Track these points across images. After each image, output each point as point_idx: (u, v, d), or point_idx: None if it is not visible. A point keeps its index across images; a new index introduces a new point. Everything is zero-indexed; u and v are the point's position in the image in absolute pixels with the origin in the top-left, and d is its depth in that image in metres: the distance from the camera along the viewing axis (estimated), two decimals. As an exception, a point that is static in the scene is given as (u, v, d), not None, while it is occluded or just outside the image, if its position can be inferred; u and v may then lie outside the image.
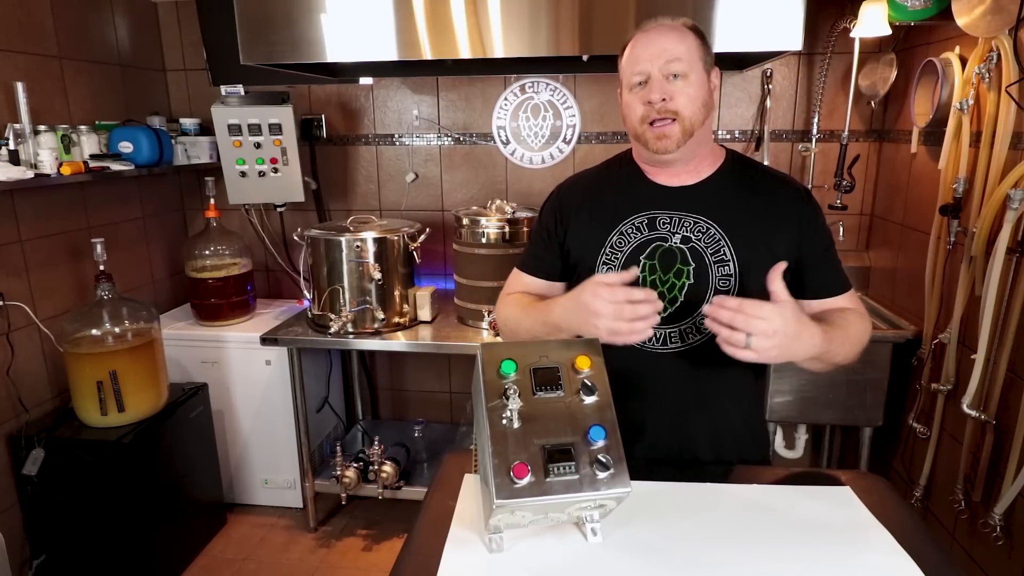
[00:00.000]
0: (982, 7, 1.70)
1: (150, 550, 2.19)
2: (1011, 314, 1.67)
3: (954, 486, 1.90)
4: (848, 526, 0.97)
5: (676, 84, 1.14)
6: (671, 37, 1.15)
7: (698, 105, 1.16)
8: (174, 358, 2.55)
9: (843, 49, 2.43)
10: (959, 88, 1.87)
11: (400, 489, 2.53)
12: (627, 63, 1.20)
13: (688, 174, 1.24)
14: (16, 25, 2.11)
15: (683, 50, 1.14)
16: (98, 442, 2.06)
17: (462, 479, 1.10)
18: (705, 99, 1.17)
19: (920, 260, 2.12)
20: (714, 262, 1.18)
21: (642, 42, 1.17)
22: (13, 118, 2.03)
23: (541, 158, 2.76)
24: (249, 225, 2.85)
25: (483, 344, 0.99)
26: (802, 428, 2.49)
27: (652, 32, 1.17)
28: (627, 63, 1.20)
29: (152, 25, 2.77)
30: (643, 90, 1.16)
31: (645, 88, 1.16)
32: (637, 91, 1.17)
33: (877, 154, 2.55)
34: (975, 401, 1.77)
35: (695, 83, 1.15)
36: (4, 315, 2.05)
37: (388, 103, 2.79)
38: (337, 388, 3.00)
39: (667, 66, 1.14)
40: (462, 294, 2.47)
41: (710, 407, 1.24)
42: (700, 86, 1.16)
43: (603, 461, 0.87)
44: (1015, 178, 1.62)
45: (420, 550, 0.94)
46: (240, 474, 2.72)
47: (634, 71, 1.17)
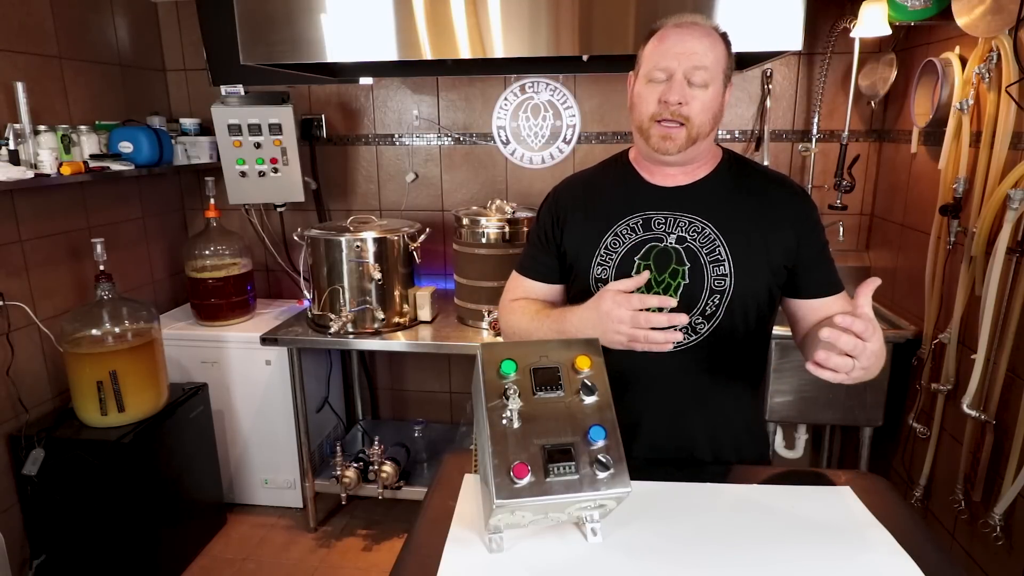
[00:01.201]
0: (982, 7, 1.70)
1: (150, 550, 2.19)
2: (1011, 314, 1.67)
3: (954, 486, 1.90)
4: (848, 526, 0.97)
5: (695, 91, 1.12)
6: (703, 42, 1.12)
7: (709, 116, 1.15)
8: (174, 358, 2.55)
9: (843, 49, 2.43)
10: (959, 88, 1.87)
11: (400, 489, 2.53)
12: (651, 54, 1.15)
13: (684, 174, 1.24)
14: (16, 25, 2.11)
15: (711, 59, 1.12)
16: (98, 442, 2.06)
17: (462, 479, 1.10)
18: (716, 111, 1.16)
19: (920, 260, 2.12)
20: (709, 262, 1.18)
21: (674, 37, 1.13)
22: (13, 118, 2.03)
23: (541, 158, 2.76)
24: (249, 225, 2.85)
25: (483, 344, 0.99)
26: (802, 428, 2.49)
27: (686, 30, 1.14)
28: (651, 54, 1.15)
29: (152, 25, 2.77)
30: (661, 87, 1.14)
31: (664, 85, 1.13)
32: (654, 86, 1.14)
33: (877, 154, 2.55)
34: (975, 401, 1.77)
35: (712, 94, 1.14)
36: (4, 315, 2.05)
37: (388, 103, 2.79)
38: (337, 388, 3.00)
39: (692, 71, 1.11)
40: (462, 294, 2.47)
41: (709, 407, 1.24)
42: (716, 98, 1.15)
43: (603, 461, 0.87)
44: (1015, 178, 1.62)
45: (420, 550, 0.94)
46: (240, 474, 2.72)
47: (658, 65, 1.13)
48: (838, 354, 0.93)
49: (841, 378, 0.95)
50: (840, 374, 0.94)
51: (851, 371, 0.94)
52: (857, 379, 0.97)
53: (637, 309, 1.02)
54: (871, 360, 0.95)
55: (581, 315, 1.11)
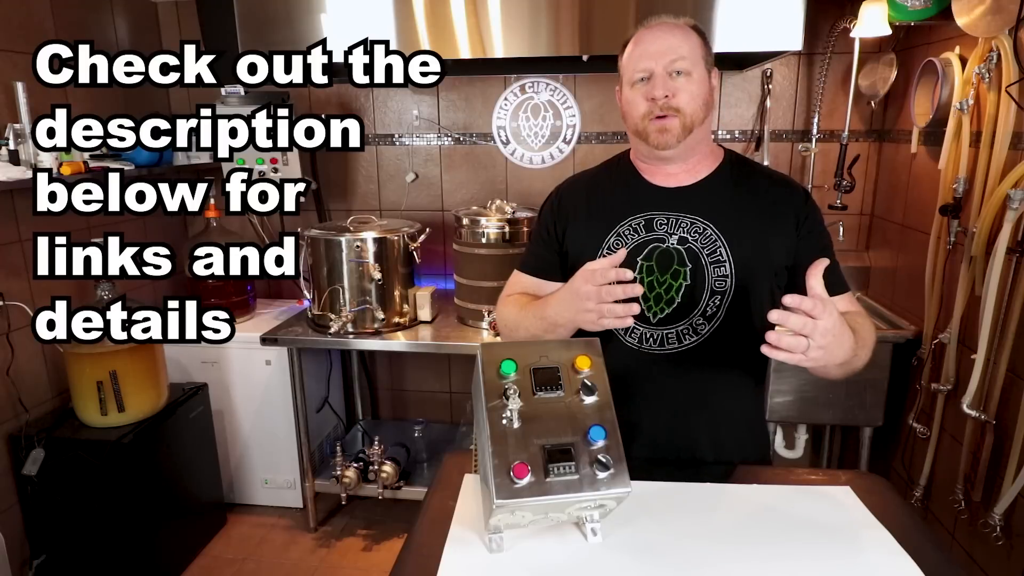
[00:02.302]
0: (982, 7, 1.70)
1: (150, 550, 2.19)
2: (1011, 314, 1.67)
3: (954, 486, 1.90)
4: (848, 526, 0.97)
5: (679, 81, 1.15)
6: (675, 35, 1.16)
7: (700, 103, 1.17)
8: (174, 358, 2.55)
9: (843, 49, 2.43)
10: (959, 88, 1.87)
11: (400, 489, 2.53)
12: (629, 60, 1.20)
13: (686, 175, 1.24)
14: (16, 25, 2.11)
15: (687, 48, 1.15)
16: (98, 442, 2.06)
17: (462, 479, 1.10)
18: (706, 97, 1.18)
19: (920, 260, 2.12)
20: (711, 263, 1.18)
21: (646, 39, 1.18)
22: (13, 118, 2.03)
23: (541, 158, 2.76)
24: (249, 225, 2.85)
25: (483, 344, 0.99)
26: (802, 428, 2.49)
27: (656, 29, 1.18)
28: (629, 60, 1.20)
29: (152, 25, 2.78)
30: (645, 86, 1.17)
31: (648, 84, 1.16)
32: (639, 87, 1.18)
33: (877, 154, 2.55)
34: (975, 401, 1.77)
35: (697, 80, 1.16)
36: (4, 315, 2.05)
37: (388, 103, 2.79)
38: (337, 388, 3.00)
39: (671, 63, 1.15)
40: (462, 294, 2.47)
41: (709, 407, 1.23)
42: (702, 84, 1.17)
43: (603, 461, 0.87)
44: (1015, 178, 1.62)
45: (420, 550, 0.94)
46: (240, 474, 2.72)
47: (637, 68, 1.17)
48: (790, 334, 0.93)
49: (798, 359, 0.94)
50: (796, 355, 0.93)
51: (807, 351, 0.93)
52: (818, 361, 0.95)
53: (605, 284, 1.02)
54: (826, 338, 0.93)
55: (559, 296, 1.13)
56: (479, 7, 1.95)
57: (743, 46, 1.91)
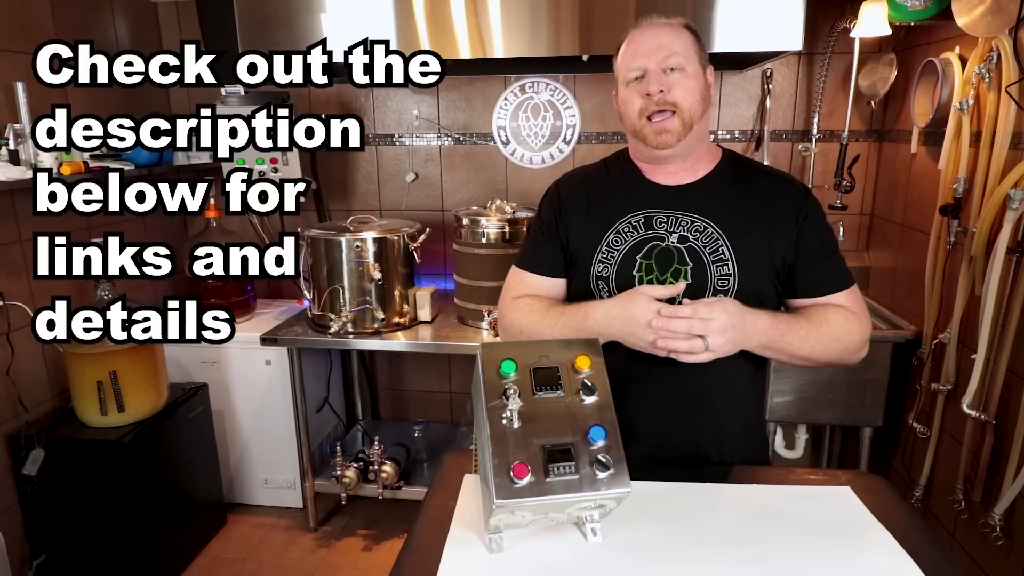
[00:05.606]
0: (982, 7, 1.70)
1: (150, 550, 2.19)
2: (1011, 314, 1.67)
3: (954, 486, 1.90)
4: (848, 526, 0.97)
5: (673, 77, 1.16)
6: (667, 32, 1.17)
7: (696, 98, 1.17)
8: (174, 358, 2.55)
9: (843, 49, 2.43)
10: (959, 88, 1.87)
11: (400, 489, 2.53)
12: (623, 59, 1.21)
13: (685, 173, 1.24)
14: (16, 25, 2.11)
15: (679, 45, 1.16)
16: (98, 442, 2.05)
17: (462, 479, 1.10)
18: (702, 92, 1.18)
19: (920, 260, 2.12)
20: (712, 261, 1.18)
21: (638, 38, 1.19)
22: (13, 118, 2.03)
23: (541, 158, 2.76)
24: (249, 225, 2.84)
25: (483, 344, 0.99)
26: (802, 428, 2.49)
27: (648, 28, 1.19)
28: (623, 59, 1.21)
29: (152, 25, 2.77)
30: (640, 84, 1.17)
31: (642, 82, 1.17)
32: (634, 86, 1.18)
33: (877, 154, 2.55)
34: (975, 401, 1.77)
35: (692, 76, 1.17)
36: (4, 315, 2.05)
37: (388, 103, 2.79)
38: (337, 388, 3.00)
39: (664, 60, 1.15)
40: (462, 294, 2.47)
41: (709, 407, 1.23)
42: (697, 79, 1.17)
43: (603, 461, 0.87)
44: (1015, 178, 1.62)
45: (420, 550, 0.94)
46: (240, 474, 2.72)
47: (631, 66, 1.18)
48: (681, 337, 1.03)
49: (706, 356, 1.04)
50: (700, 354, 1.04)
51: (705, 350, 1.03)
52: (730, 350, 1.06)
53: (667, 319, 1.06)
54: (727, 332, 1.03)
55: (607, 313, 1.12)
56: (479, 7, 1.95)
57: (743, 46, 1.91)
